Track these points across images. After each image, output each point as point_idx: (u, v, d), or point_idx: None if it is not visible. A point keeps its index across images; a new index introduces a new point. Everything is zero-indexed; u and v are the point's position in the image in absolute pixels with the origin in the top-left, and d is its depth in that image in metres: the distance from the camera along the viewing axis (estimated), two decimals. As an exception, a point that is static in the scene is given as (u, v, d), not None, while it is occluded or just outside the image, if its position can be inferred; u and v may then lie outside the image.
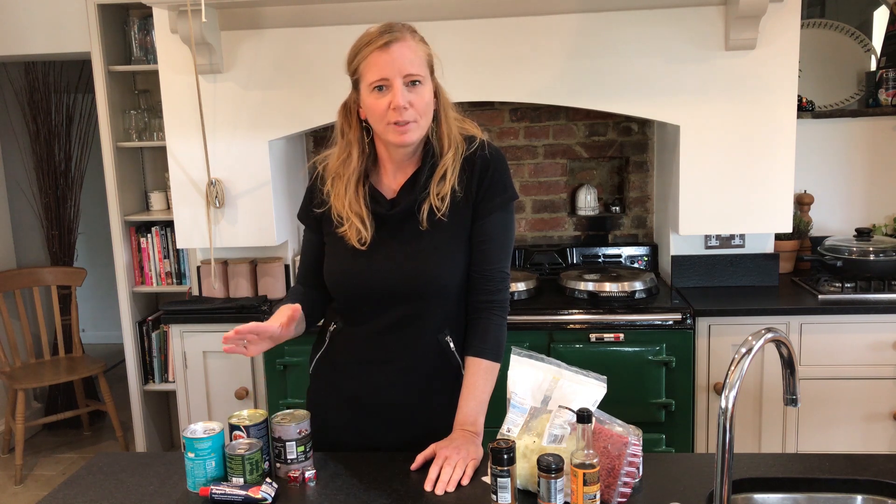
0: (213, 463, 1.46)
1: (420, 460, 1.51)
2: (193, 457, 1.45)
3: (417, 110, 1.52)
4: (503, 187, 1.63)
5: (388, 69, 1.49)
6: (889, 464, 1.49)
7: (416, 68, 1.51)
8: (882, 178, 3.25)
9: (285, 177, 3.18)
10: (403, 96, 1.50)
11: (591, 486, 1.29)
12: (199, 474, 1.45)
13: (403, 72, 1.50)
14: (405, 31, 1.54)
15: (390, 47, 1.49)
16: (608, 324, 2.70)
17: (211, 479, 1.45)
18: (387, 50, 1.49)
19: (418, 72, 1.51)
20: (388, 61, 1.49)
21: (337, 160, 1.62)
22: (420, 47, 1.54)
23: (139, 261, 3.62)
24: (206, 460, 1.45)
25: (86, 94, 4.20)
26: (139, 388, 3.61)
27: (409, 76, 1.50)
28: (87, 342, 4.69)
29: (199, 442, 1.44)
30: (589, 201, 3.38)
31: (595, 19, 2.80)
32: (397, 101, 1.49)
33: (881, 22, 3.33)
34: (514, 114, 3.36)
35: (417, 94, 1.52)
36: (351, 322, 1.66)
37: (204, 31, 2.73)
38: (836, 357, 2.71)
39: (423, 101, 1.53)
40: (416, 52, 1.52)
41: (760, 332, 1.22)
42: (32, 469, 3.83)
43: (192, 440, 1.45)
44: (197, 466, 1.45)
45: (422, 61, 1.53)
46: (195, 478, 1.45)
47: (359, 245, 1.59)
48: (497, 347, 1.63)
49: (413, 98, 1.51)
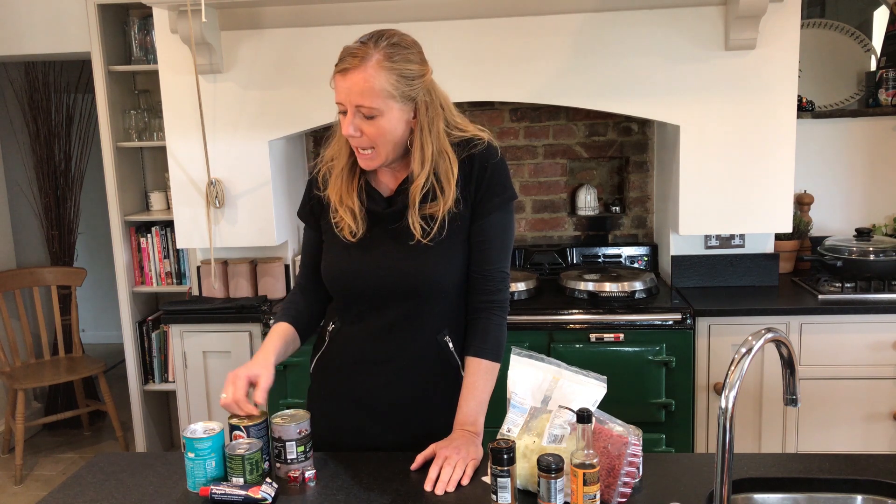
0: (213, 463, 1.46)
1: (420, 460, 1.51)
2: (193, 457, 1.45)
3: (370, 138, 1.51)
4: (502, 187, 1.62)
5: (343, 96, 1.49)
6: (889, 464, 1.49)
7: (367, 100, 1.47)
8: (882, 178, 3.25)
9: (285, 177, 3.18)
10: (353, 124, 1.50)
11: (591, 486, 1.29)
12: (199, 474, 1.45)
13: (354, 102, 1.48)
14: (372, 55, 1.46)
15: (346, 75, 1.47)
16: (608, 324, 2.70)
17: (211, 479, 1.45)
18: (343, 76, 1.48)
19: (369, 104, 1.47)
20: (342, 88, 1.48)
21: (332, 150, 1.64)
22: (381, 75, 1.46)
23: (139, 261, 3.62)
24: (207, 460, 1.45)
25: (86, 94, 4.20)
26: (139, 388, 3.61)
27: (360, 108, 1.48)
28: (87, 342, 4.69)
29: (199, 442, 1.44)
30: (589, 201, 3.38)
31: (595, 19, 2.80)
32: (345, 129, 1.51)
33: (881, 22, 3.33)
34: (514, 114, 3.37)
35: (371, 124, 1.49)
36: (349, 321, 1.66)
37: (204, 31, 2.73)
38: (836, 357, 2.71)
39: (375, 131, 1.50)
40: (374, 80, 1.46)
41: (760, 332, 1.22)
42: (32, 469, 3.83)
43: (192, 440, 1.45)
44: (197, 466, 1.45)
45: (380, 90, 1.46)
46: (195, 478, 1.45)
47: (350, 237, 1.59)
48: (497, 347, 1.63)
49: (365, 127, 1.50)
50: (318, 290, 1.72)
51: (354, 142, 1.52)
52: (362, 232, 1.59)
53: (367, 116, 1.49)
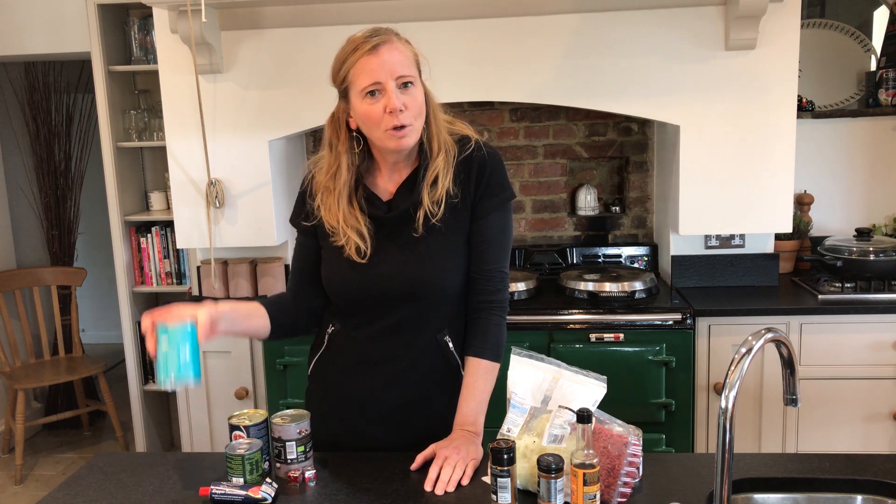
0: (188, 351, 1.39)
1: (420, 460, 1.51)
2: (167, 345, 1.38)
3: (412, 112, 1.50)
4: (500, 187, 1.62)
5: (380, 73, 1.47)
6: (889, 464, 1.49)
7: (406, 69, 1.49)
8: (882, 178, 3.25)
9: (285, 177, 3.18)
10: (398, 98, 1.48)
11: (591, 486, 1.29)
12: (172, 363, 1.38)
13: (395, 74, 1.48)
14: (390, 33, 1.52)
15: (379, 50, 1.47)
16: (608, 324, 2.70)
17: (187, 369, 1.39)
18: (376, 53, 1.47)
19: (409, 73, 1.50)
20: (378, 64, 1.47)
21: (326, 174, 1.59)
22: (407, 48, 1.52)
23: (139, 261, 3.62)
24: (181, 348, 1.38)
25: (86, 94, 4.20)
26: (139, 388, 3.61)
27: (402, 77, 1.48)
28: (87, 342, 4.69)
29: (173, 326, 1.39)
30: (589, 201, 3.38)
31: (595, 19, 2.80)
32: (393, 103, 1.47)
33: (881, 22, 3.33)
34: (514, 114, 3.36)
35: (411, 95, 1.50)
36: (349, 324, 1.66)
37: (204, 31, 2.73)
38: (836, 357, 2.71)
39: (416, 103, 1.51)
40: (404, 53, 1.50)
41: (760, 332, 1.22)
42: (32, 469, 3.83)
43: (165, 326, 1.39)
44: (171, 355, 1.38)
45: (411, 62, 1.51)
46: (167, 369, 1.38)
47: (359, 258, 1.57)
48: (497, 347, 1.63)
49: (407, 100, 1.49)
50: (310, 297, 1.69)
51: (398, 118, 1.48)
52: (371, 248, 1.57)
53: (406, 84, 1.49)
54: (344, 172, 1.57)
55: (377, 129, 1.52)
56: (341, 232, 1.57)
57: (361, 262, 1.58)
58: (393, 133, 1.50)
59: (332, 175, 1.58)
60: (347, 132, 1.58)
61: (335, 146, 1.59)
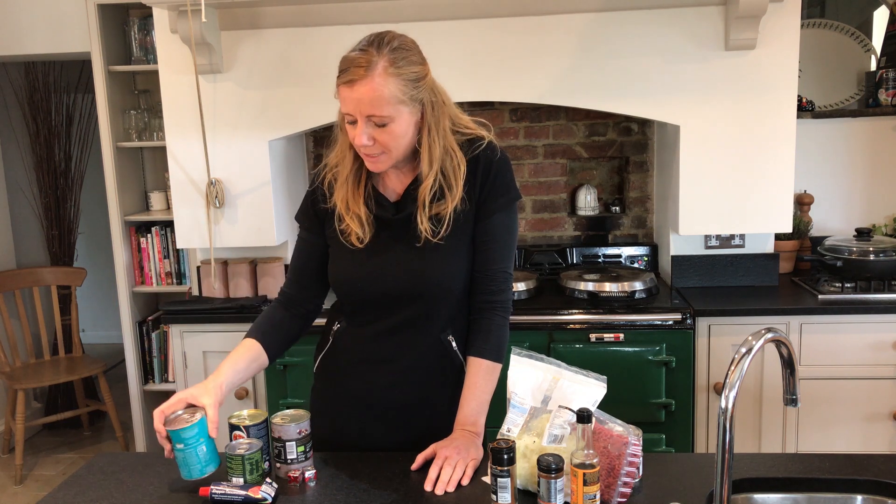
0: (205, 448, 1.43)
1: (420, 460, 1.51)
2: (183, 447, 1.42)
3: (382, 145, 1.50)
4: (506, 188, 1.62)
5: (352, 107, 1.47)
6: (889, 464, 1.49)
7: (378, 109, 1.46)
8: (882, 178, 3.25)
9: (285, 177, 3.18)
10: (365, 134, 1.48)
11: (591, 486, 1.29)
12: (192, 462, 1.43)
13: (365, 113, 1.47)
14: (377, 63, 1.44)
15: (353, 86, 1.45)
16: (608, 324, 2.70)
17: (207, 463, 1.44)
18: (350, 88, 1.46)
19: (381, 113, 1.46)
20: (351, 100, 1.46)
21: (336, 157, 1.62)
22: (390, 83, 1.45)
23: (139, 261, 3.62)
24: (197, 447, 1.42)
25: (86, 94, 4.20)
26: (139, 388, 3.61)
27: (372, 117, 1.47)
28: (87, 342, 4.69)
29: (185, 431, 1.41)
30: (589, 201, 3.38)
31: (595, 19, 2.80)
32: (357, 140, 1.49)
33: (881, 22, 3.33)
34: (514, 114, 3.36)
35: (384, 131, 1.49)
36: (355, 323, 1.66)
37: (204, 31, 2.73)
38: (836, 357, 2.71)
39: (388, 137, 1.50)
40: (380, 90, 1.44)
41: (760, 332, 1.22)
42: (32, 469, 3.83)
43: (177, 431, 1.41)
44: (189, 455, 1.42)
45: (389, 97, 1.45)
46: (190, 466, 1.43)
47: (357, 244, 1.58)
48: (499, 348, 1.63)
49: (377, 134, 1.49)
50: (305, 300, 1.69)
51: (366, 150, 1.51)
52: (369, 238, 1.58)
53: (379, 125, 1.48)
54: (349, 160, 1.59)
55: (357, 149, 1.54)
56: (344, 216, 1.59)
57: (367, 259, 1.59)
58: (366, 157, 1.54)
59: (341, 160, 1.61)
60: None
61: (341, 136, 1.61)
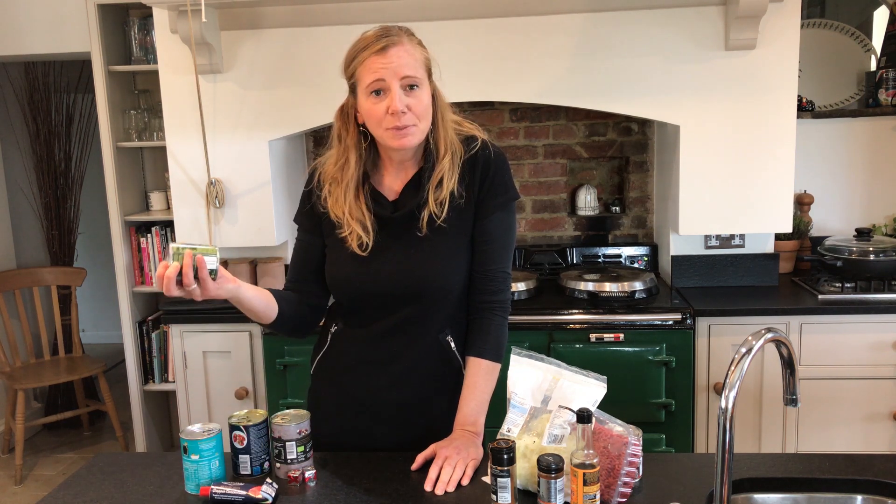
0: (217, 462, 1.46)
1: (420, 460, 1.51)
2: (198, 458, 1.44)
3: (416, 113, 1.51)
4: (505, 187, 1.63)
5: (385, 72, 1.48)
6: (889, 464, 1.49)
7: (412, 71, 1.50)
8: (882, 178, 3.25)
9: (285, 177, 3.18)
10: (401, 100, 1.49)
11: (591, 486, 1.29)
12: (202, 475, 1.44)
13: (400, 74, 1.48)
14: (402, 34, 1.53)
15: (387, 51, 1.48)
16: (608, 324, 2.70)
17: (214, 479, 1.45)
18: (384, 54, 1.48)
19: (415, 74, 1.50)
20: (384, 65, 1.48)
21: (334, 165, 1.61)
22: (417, 51, 1.53)
23: (139, 261, 3.62)
24: (211, 461, 1.45)
25: (86, 94, 4.20)
26: (139, 388, 3.60)
27: (407, 79, 1.49)
28: (87, 342, 4.69)
29: (203, 443, 1.44)
30: (589, 201, 3.38)
31: (595, 19, 2.80)
32: (394, 105, 1.48)
33: (881, 22, 3.33)
34: (514, 114, 3.36)
35: (415, 97, 1.51)
36: (353, 324, 1.66)
37: (204, 31, 2.73)
38: (836, 357, 2.71)
39: (420, 105, 1.52)
40: (412, 55, 1.51)
41: (760, 332, 1.22)
42: (32, 469, 3.83)
43: (195, 442, 1.44)
44: (201, 468, 1.44)
45: (419, 64, 1.52)
46: (198, 479, 1.45)
47: (360, 251, 1.58)
48: (498, 348, 1.63)
49: (411, 101, 1.50)
50: (310, 295, 1.69)
51: (399, 119, 1.49)
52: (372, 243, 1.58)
53: (411, 86, 1.50)
54: (352, 165, 1.59)
55: (379, 128, 1.53)
56: (346, 224, 1.58)
57: (365, 260, 1.58)
58: (394, 132, 1.51)
59: (341, 167, 1.60)
60: (356, 126, 1.59)
61: (344, 139, 1.60)
